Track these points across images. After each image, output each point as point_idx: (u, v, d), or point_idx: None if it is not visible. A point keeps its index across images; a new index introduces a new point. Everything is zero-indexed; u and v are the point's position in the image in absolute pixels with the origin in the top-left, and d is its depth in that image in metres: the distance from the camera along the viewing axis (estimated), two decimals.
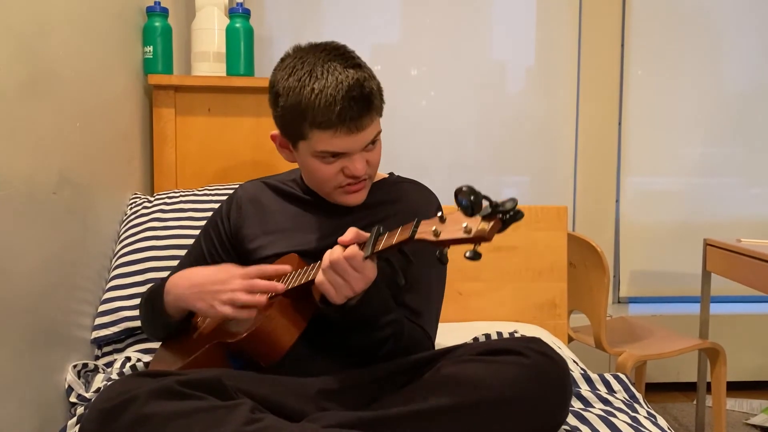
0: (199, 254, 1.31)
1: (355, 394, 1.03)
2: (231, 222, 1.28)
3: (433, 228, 0.86)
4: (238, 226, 1.27)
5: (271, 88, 1.15)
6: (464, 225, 0.82)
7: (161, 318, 1.19)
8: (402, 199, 1.27)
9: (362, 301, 0.99)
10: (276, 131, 1.19)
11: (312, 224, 1.22)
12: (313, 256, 1.15)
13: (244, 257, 1.24)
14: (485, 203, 0.82)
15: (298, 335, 1.04)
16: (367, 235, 0.96)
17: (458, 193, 0.83)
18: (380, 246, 0.92)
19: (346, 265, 0.94)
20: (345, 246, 0.96)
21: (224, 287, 1.07)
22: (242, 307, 1.05)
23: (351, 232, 0.97)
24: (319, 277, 0.97)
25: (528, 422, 0.92)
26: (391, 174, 1.34)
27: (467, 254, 0.82)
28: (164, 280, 1.21)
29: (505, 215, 0.80)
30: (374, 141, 1.15)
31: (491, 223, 0.80)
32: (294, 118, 1.10)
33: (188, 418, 0.84)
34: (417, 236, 0.87)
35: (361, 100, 1.09)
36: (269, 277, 1.08)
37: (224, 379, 0.93)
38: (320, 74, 1.08)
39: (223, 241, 1.29)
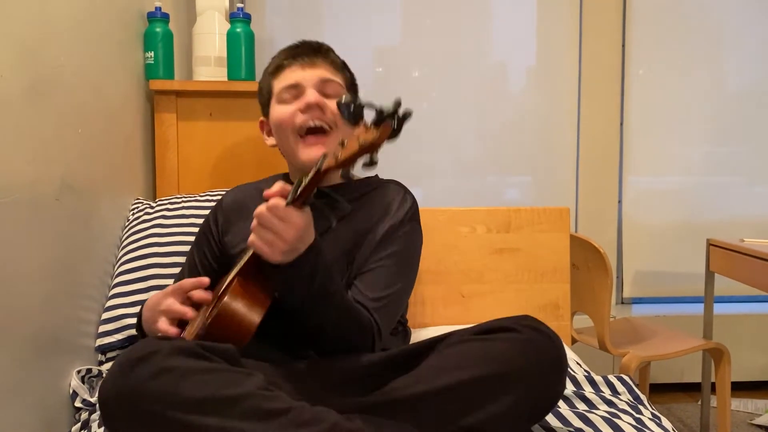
0: (192, 264, 1.34)
1: (355, 383, 1.04)
2: (218, 228, 1.32)
3: (335, 153, 0.89)
4: (224, 233, 1.30)
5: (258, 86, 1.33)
6: (358, 139, 0.85)
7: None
8: (383, 196, 1.29)
9: (301, 258, 1.00)
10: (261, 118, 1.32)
11: None
12: None
13: (228, 264, 1.24)
14: (369, 111, 0.85)
15: (264, 312, 1.03)
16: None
17: (338, 106, 0.87)
18: (300, 190, 0.94)
19: (270, 216, 0.96)
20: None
21: (159, 306, 1.12)
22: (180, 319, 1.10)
23: (276, 185, 0.99)
24: (251, 238, 0.99)
25: (525, 396, 0.93)
26: (376, 176, 1.37)
27: (364, 162, 0.86)
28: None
29: (393, 116, 0.83)
30: (331, 92, 1.23)
31: (380, 128, 0.84)
32: (264, 80, 1.30)
33: (206, 375, 0.86)
34: (324, 167, 0.89)
35: (317, 47, 1.26)
36: (188, 289, 1.12)
37: (239, 355, 0.96)
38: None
39: (212, 248, 1.31)
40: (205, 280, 1.11)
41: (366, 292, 1.16)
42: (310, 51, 1.26)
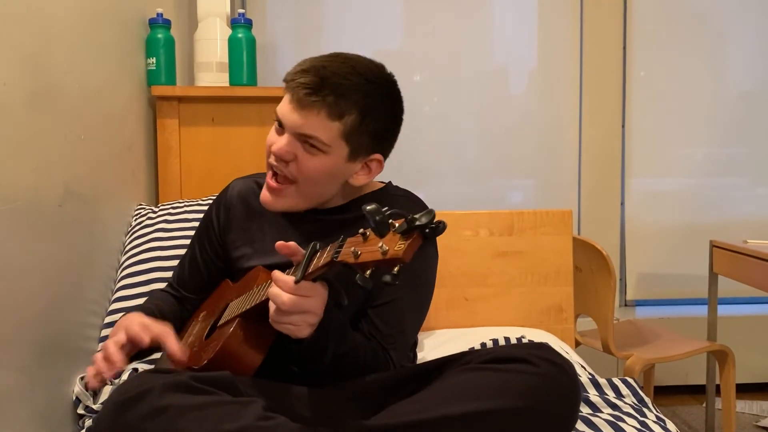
0: (192, 258, 1.29)
1: (360, 403, 1.02)
2: (220, 223, 1.25)
3: (353, 249, 0.80)
4: (226, 230, 1.24)
5: None
6: (380, 245, 0.76)
7: None
8: None
9: (317, 335, 0.95)
10: None
11: (300, 238, 1.14)
12: None
13: (228, 263, 1.23)
14: (399, 221, 0.76)
15: (266, 351, 1.01)
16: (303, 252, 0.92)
17: (365, 213, 0.76)
18: (311, 269, 0.87)
19: (292, 303, 0.89)
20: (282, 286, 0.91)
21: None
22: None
23: (276, 273, 0.92)
24: (275, 325, 0.93)
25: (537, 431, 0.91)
26: (388, 183, 1.27)
27: (385, 278, 0.76)
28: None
29: (423, 230, 0.74)
30: (312, 144, 1.06)
31: (408, 241, 0.74)
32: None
33: (203, 410, 0.84)
34: (340, 258, 0.81)
35: (321, 80, 1.03)
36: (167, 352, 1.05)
37: (236, 380, 0.94)
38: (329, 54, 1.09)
39: (213, 243, 1.26)
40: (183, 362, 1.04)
41: (382, 329, 1.11)
42: (313, 89, 1.04)
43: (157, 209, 1.75)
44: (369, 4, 2.66)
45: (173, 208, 1.73)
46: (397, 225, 0.76)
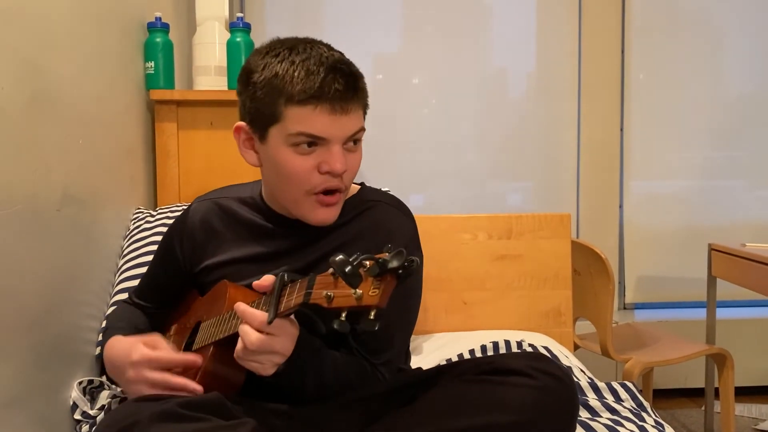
0: (156, 282, 1.24)
1: (353, 413, 1.01)
2: (185, 253, 1.17)
3: (325, 293, 0.77)
4: (194, 261, 1.16)
5: (243, 70, 1.04)
6: (353, 291, 0.73)
7: None
8: (375, 228, 1.10)
9: (292, 371, 0.93)
10: (240, 122, 1.05)
11: (274, 256, 1.10)
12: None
13: (201, 288, 1.17)
14: (370, 262, 0.73)
15: (245, 373, 0.99)
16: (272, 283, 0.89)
17: (332, 264, 0.74)
18: (281, 308, 0.85)
19: (261, 343, 0.87)
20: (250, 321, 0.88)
21: (136, 376, 0.99)
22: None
23: (242, 308, 0.89)
24: (240, 360, 0.91)
25: None
26: (362, 185, 1.18)
27: (363, 326, 0.74)
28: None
29: (396, 272, 0.72)
30: (357, 140, 1.01)
31: (382, 286, 0.72)
32: (268, 94, 0.97)
33: None
34: (311, 300, 0.79)
35: (350, 76, 0.97)
36: (176, 366, 0.99)
37: (226, 400, 0.92)
38: (302, 50, 0.98)
39: (179, 270, 1.19)
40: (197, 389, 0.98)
41: (369, 344, 1.07)
42: (348, 86, 0.97)
43: (155, 213, 1.75)
44: (367, 7, 2.66)
45: (171, 211, 1.73)
46: (368, 266, 0.74)
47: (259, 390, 1.02)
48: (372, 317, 0.74)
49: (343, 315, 0.76)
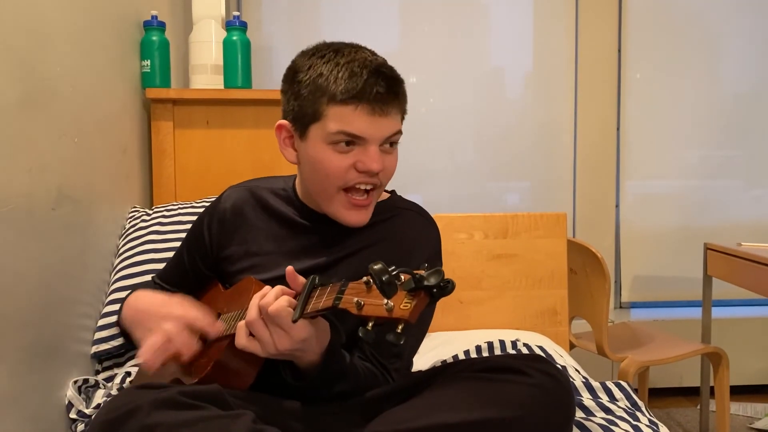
0: (182, 267, 1.25)
1: (352, 412, 1.02)
2: (213, 237, 1.18)
3: (356, 300, 0.77)
4: (221, 245, 1.17)
5: (289, 69, 1.07)
6: (385, 302, 0.74)
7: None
8: (401, 234, 1.13)
9: (315, 370, 0.96)
10: (282, 120, 1.08)
11: (300, 251, 1.12)
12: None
13: (224, 278, 1.18)
14: (406, 276, 0.74)
15: (257, 371, 1.01)
16: (302, 282, 0.90)
17: (370, 271, 0.74)
18: (309, 308, 0.86)
19: (271, 322, 0.89)
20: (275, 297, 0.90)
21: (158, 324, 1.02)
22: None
23: (276, 293, 0.91)
24: (242, 323, 0.93)
25: None
26: (393, 193, 1.22)
27: (389, 338, 0.74)
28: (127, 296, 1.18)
29: (431, 290, 0.72)
30: (393, 142, 1.05)
31: (415, 301, 0.72)
32: (311, 93, 1.01)
33: (192, 427, 0.83)
34: (342, 305, 0.80)
35: (391, 80, 1.02)
36: (199, 329, 1.02)
37: (225, 392, 0.92)
38: (347, 53, 1.03)
39: (206, 255, 1.20)
40: (218, 328, 1.03)
41: (383, 351, 1.10)
42: (389, 89, 1.01)
43: (151, 212, 1.75)
44: (365, 6, 2.66)
45: (167, 210, 1.73)
46: (403, 280, 0.74)
47: (270, 387, 1.04)
48: (399, 330, 0.74)
49: (371, 324, 0.76)
